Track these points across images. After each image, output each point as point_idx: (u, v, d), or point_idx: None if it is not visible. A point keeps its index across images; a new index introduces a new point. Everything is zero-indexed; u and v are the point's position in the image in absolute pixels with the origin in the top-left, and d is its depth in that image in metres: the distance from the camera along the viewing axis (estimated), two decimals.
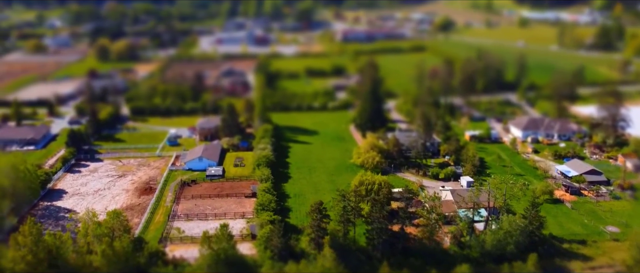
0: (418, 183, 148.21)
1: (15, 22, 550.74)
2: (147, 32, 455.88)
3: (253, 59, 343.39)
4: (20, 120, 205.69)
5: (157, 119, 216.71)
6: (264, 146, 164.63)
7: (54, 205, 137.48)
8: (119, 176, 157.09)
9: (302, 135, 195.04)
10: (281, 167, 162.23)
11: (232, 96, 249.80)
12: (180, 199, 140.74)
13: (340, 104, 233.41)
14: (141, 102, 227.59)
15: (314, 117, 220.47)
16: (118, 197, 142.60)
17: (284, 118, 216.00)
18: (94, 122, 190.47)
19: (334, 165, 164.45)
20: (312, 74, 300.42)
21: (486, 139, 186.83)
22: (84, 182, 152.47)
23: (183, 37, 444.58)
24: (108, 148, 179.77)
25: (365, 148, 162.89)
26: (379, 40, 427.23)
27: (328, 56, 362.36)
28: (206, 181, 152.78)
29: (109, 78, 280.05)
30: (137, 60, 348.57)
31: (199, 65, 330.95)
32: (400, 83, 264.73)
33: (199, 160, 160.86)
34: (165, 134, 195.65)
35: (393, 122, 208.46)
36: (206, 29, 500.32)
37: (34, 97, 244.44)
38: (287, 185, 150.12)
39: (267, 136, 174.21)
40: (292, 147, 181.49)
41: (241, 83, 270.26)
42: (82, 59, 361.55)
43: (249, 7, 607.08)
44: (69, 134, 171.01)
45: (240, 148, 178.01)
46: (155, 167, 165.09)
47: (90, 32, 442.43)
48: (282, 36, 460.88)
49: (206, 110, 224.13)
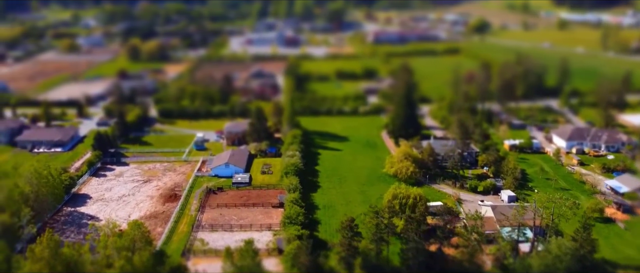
0: (455, 197, 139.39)
1: (51, 21, 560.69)
2: (178, 32, 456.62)
3: (283, 61, 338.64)
4: (50, 121, 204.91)
5: (184, 122, 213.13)
6: (293, 153, 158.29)
7: (77, 211, 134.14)
8: (144, 181, 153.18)
9: (332, 141, 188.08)
10: (310, 175, 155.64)
11: (261, 99, 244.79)
12: (205, 208, 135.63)
13: (372, 109, 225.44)
14: (169, 104, 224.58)
15: (345, 121, 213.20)
16: (142, 204, 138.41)
17: (313, 122, 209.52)
18: (122, 124, 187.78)
19: (365, 174, 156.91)
20: (343, 76, 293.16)
21: (527, 149, 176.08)
22: (109, 187, 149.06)
23: (213, 38, 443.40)
24: (134, 152, 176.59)
25: (398, 157, 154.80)
26: (412, 42, 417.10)
27: (359, 58, 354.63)
28: (232, 189, 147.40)
29: (138, 79, 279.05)
30: (168, 61, 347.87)
31: (228, 66, 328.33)
32: (434, 87, 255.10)
33: (225, 167, 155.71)
34: (192, 138, 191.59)
35: (427, 129, 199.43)
36: (237, 29, 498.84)
37: (64, 97, 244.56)
38: (316, 195, 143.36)
39: (295, 142, 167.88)
40: (322, 154, 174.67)
41: (270, 85, 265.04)
42: (114, 58, 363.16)
43: (280, 7, 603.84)
44: (96, 137, 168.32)
45: (268, 154, 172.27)
46: (181, 172, 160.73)
47: (123, 32, 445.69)
48: (312, 37, 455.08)
49: (234, 113, 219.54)
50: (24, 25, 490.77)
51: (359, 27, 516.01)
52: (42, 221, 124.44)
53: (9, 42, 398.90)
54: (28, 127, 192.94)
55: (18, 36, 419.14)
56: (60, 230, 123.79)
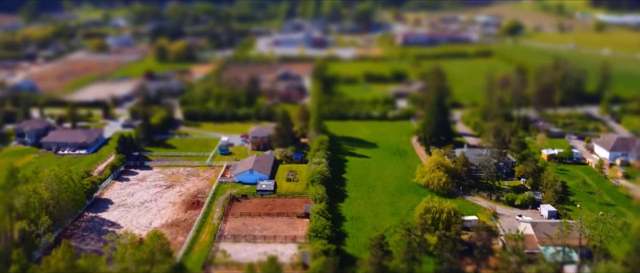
0: (490, 211, 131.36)
1: (82, 21, 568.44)
2: (206, 33, 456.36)
3: (310, 62, 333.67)
4: (75, 122, 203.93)
5: (209, 124, 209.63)
6: (319, 160, 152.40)
7: (98, 217, 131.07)
8: (167, 187, 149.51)
9: (360, 147, 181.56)
10: (337, 183, 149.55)
11: (287, 102, 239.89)
12: (228, 216, 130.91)
13: (401, 114, 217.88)
14: (195, 107, 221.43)
15: (373, 127, 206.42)
16: (164, 210, 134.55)
17: (340, 127, 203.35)
18: (146, 126, 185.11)
19: (395, 184, 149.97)
20: (371, 79, 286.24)
21: (567, 160, 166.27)
22: (131, 192, 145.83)
23: (241, 38, 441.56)
24: (158, 155, 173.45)
25: (430, 166, 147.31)
26: (442, 44, 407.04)
27: (388, 60, 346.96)
28: (256, 196, 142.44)
29: (165, 80, 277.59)
30: (195, 61, 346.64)
31: (255, 67, 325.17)
32: (466, 91, 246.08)
33: (249, 173, 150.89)
34: (217, 141, 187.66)
35: (459, 136, 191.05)
36: (264, 29, 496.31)
37: (91, 97, 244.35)
38: (344, 205, 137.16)
39: (322, 149, 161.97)
40: (349, 161, 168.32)
41: (297, 88, 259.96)
42: (142, 58, 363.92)
43: (307, 7, 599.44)
44: (119, 140, 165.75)
45: (293, 160, 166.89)
46: (204, 177, 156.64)
47: (151, 32, 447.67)
48: (340, 38, 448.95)
49: (260, 116, 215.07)
50: (56, 25, 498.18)
51: (388, 28, 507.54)
52: (62, 227, 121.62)
53: (41, 41, 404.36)
54: (54, 128, 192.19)
55: (49, 36, 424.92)
56: (80, 236, 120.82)
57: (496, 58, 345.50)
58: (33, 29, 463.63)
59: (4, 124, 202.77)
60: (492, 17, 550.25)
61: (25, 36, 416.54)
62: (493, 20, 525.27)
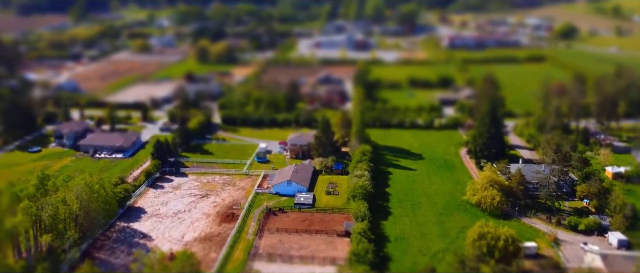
0: (551, 236, 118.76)
1: (128, 21, 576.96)
2: (247, 34, 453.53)
3: (352, 65, 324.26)
4: (114, 124, 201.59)
5: (248, 130, 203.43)
6: (361, 173, 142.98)
7: (130, 227, 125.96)
8: (202, 196, 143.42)
9: (405, 158, 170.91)
10: (380, 198, 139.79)
11: (328, 107, 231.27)
12: (263, 232, 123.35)
13: (449, 122, 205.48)
14: (234, 111, 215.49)
15: (418, 136, 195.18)
16: (197, 223, 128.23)
17: (383, 136, 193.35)
18: (183, 131, 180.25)
19: (443, 201, 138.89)
20: (416, 84, 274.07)
21: (635, 178, 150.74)
22: (165, 201, 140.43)
23: (282, 40, 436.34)
24: (194, 162, 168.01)
25: (482, 183, 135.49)
26: (490, 47, 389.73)
27: (433, 64, 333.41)
28: (294, 210, 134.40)
29: (204, 81, 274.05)
30: (235, 63, 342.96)
31: (295, 69, 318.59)
32: (518, 99, 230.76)
33: (287, 184, 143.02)
34: (255, 148, 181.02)
35: (511, 148, 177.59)
36: (305, 31, 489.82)
37: (132, 98, 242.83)
38: (387, 223, 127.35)
39: (365, 160, 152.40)
40: (393, 173, 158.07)
41: (338, 92, 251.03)
42: (183, 59, 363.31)
43: (350, 8, 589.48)
44: (155, 145, 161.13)
45: (333, 171, 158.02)
46: (240, 187, 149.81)
47: (193, 33, 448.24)
48: (383, 41, 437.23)
49: (299, 122, 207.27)
50: (103, 24, 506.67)
51: (432, 30, 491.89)
52: (92, 238, 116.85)
53: (87, 41, 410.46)
54: (92, 130, 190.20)
55: (95, 36, 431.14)
56: (110, 249, 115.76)
57: (549, 63, 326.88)
58: (80, 29, 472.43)
59: (44, 125, 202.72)
60: (543, 20, 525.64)
61: (72, 36, 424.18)
62: (544, 23, 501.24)
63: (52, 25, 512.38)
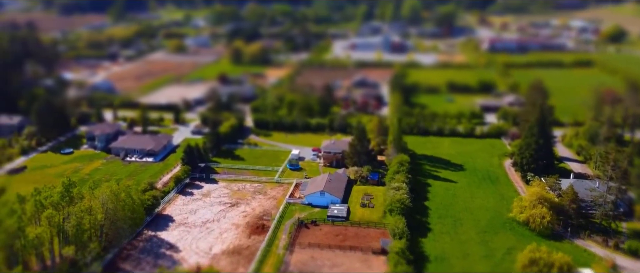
0: (609, 262, 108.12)
1: (165, 21, 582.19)
2: (282, 35, 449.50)
3: (388, 68, 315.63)
4: (146, 126, 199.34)
5: (280, 134, 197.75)
6: (399, 185, 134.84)
7: (157, 236, 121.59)
8: (231, 205, 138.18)
9: (444, 169, 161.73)
10: (418, 212, 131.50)
11: (363, 111, 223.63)
12: (294, 246, 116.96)
13: (491, 131, 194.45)
14: (266, 115, 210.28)
15: (458, 144, 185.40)
16: (226, 234, 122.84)
17: (421, 144, 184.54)
18: (214, 135, 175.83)
19: (486, 218, 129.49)
20: (455, 89, 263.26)
21: None
22: (194, 209, 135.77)
23: (317, 41, 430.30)
24: (225, 168, 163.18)
25: (530, 200, 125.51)
26: (533, 51, 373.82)
27: (472, 68, 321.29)
28: (327, 223, 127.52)
29: (237, 83, 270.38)
30: (269, 64, 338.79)
31: (330, 71, 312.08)
32: (566, 107, 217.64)
33: (320, 195, 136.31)
34: (287, 154, 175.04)
35: (559, 160, 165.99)
36: (340, 32, 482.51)
37: (164, 100, 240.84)
38: (426, 241, 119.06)
39: (402, 171, 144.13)
40: (432, 185, 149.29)
41: (374, 96, 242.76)
42: (218, 60, 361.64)
43: (386, 9, 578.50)
44: (185, 150, 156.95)
45: (369, 181, 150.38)
46: (271, 196, 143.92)
47: (228, 33, 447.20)
48: (420, 43, 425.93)
49: (333, 127, 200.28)
50: (140, 24, 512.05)
51: (471, 32, 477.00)
52: (118, 247, 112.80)
53: (123, 41, 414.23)
54: (123, 132, 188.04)
55: (132, 35, 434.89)
56: (136, 259, 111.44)
57: (597, 69, 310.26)
58: (118, 29, 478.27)
59: (78, 125, 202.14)
60: (588, 22, 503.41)
61: (109, 36, 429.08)
62: (591, 26, 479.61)
63: (92, 24, 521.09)
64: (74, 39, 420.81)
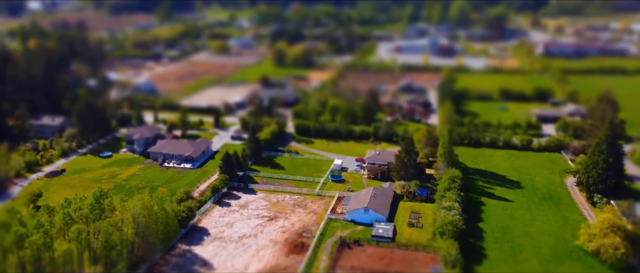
0: None
1: (210, 21, 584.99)
2: (325, 36, 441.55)
3: (435, 72, 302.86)
4: (186, 130, 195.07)
5: (322, 142, 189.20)
6: (450, 205, 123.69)
7: (191, 251, 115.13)
8: (270, 218, 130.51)
9: (499, 186, 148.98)
10: (472, 235, 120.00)
11: (410, 119, 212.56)
12: (336, 268, 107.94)
13: (551, 144, 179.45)
14: (309, 120, 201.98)
15: (514, 158, 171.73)
16: (263, 251, 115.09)
17: (473, 156, 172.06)
18: (254, 142, 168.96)
19: (549, 244, 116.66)
20: (508, 96, 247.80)
21: None
22: (230, 222, 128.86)
23: (361, 43, 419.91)
24: (264, 177, 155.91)
25: (601, 227, 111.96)
26: (592, 56, 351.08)
27: (526, 74, 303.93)
28: (371, 243, 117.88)
29: (279, 87, 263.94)
30: (312, 67, 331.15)
31: (374, 75, 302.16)
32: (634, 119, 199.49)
33: (364, 211, 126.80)
34: (329, 164, 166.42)
35: (628, 179, 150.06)
36: (385, 34, 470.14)
37: (205, 102, 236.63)
38: (481, 269, 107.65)
39: (454, 188, 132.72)
40: (487, 204, 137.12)
41: (422, 103, 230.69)
42: (260, 61, 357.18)
43: (433, 11, 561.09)
44: (223, 158, 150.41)
45: (417, 197, 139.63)
46: (312, 210, 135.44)
47: (272, 34, 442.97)
48: (469, 46, 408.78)
49: (378, 136, 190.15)
50: (186, 24, 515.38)
51: (524, 35, 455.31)
52: (150, 263, 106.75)
53: (168, 41, 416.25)
54: (162, 136, 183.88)
55: (177, 36, 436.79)
56: None
57: None
58: (163, 29, 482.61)
59: (119, 128, 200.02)
60: None
61: (155, 36, 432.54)
62: None
63: (139, 24, 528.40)
64: (121, 39, 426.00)
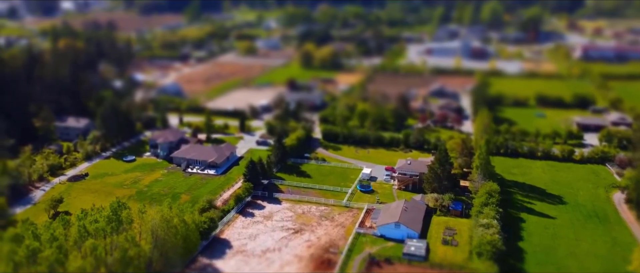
0: None
1: (238, 22, 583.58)
2: (353, 38, 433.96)
3: (467, 76, 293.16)
4: (210, 134, 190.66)
5: (350, 149, 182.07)
6: (489, 222, 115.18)
7: (212, 265, 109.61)
8: (295, 231, 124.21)
9: (540, 201, 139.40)
10: (512, 255, 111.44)
11: (442, 126, 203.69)
12: None
13: (594, 155, 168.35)
14: (336, 126, 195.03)
15: (554, 170, 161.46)
16: (287, 268, 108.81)
17: (510, 167, 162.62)
18: (280, 148, 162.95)
19: (597, 268, 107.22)
20: (545, 103, 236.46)
21: None
22: (254, 234, 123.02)
23: (390, 45, 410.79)
24: (289, 186, 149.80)
25: None
26: (634, 60, 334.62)
27: (564, 79, 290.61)
28: (402, 262, 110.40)
29: (307, 90, 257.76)
30: (340, 69, 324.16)
31: (404, 78, 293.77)
32: None
33: (395, 227, 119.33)
34: (357, 172, 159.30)
35: None
36: (415, 36, 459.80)
37: (231, 105, 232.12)
38: None
39: (492, 204, 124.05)
40: (527, 221, 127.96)
41: (454, 109, 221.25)
42: (287, 63, 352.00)
43: (464, 12, 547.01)
44: (248, 166, 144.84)
45: (451, 211, 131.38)
46: (339, 223, 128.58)
47: (299, 35, 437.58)
48: (502, 49, 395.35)
49: (408, 143, 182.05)
50: (214, 25, 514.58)
51: (560, 38, 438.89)
52: None
53: (196, 42, 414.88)
54: (187, 140, 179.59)
55: (204, 36, 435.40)
56: None
57: None
58: (191, 29, 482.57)
59: (143, 130, 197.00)
60: None
61: (182, 36, 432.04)
62: None
63: (168, 24, 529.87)
64: (149, 39, 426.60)
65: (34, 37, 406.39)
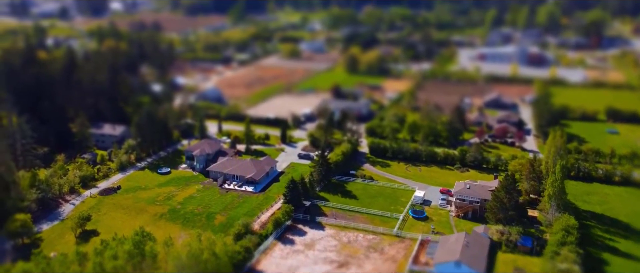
0: None
1: (282, 23, 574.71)
2: (401, 41, 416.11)
3: (525, 85, 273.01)
4: (250, 145, 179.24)
5: (400, 166, 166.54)
6: (568, 267, 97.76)
7: None
8: (340, 265, 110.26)
9: (624, 237, 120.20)
10: None
11: (502, 141, 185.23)
12: None
13: None
14: (385, 141, 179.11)
15: (636, 200, 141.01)
16: None
17: (583, 193, 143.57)
18: (324, 165, 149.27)
19: None
20: (616, 117, 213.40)
21: None
22: (293, 266, 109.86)
23: (439, 49, 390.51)
24: (333, 208, 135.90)
25: None
26: None
27: (635, 90, 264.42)
28: None
29: (353, 98, 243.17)
30: (387, 75, 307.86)
31: (456, 86, 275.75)
32: None
33: (455, 266, 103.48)
34: (408, 194, 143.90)
35: None
36: (466, 40, 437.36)
37: (272, 112, 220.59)
38: None
39: (571, 243, 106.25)
40: (611, 263, 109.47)
41: (515, 123, 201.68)
42: (332, 67, 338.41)
43: (519, 15, 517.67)
44: (288, 186, 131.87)
45: (518, 247, 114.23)
46: (389, 256, 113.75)
47: (344, 38, 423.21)
48: (562, 55, 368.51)
49: (464, 162, 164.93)
50: (258, 26, 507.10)
51: (626, 44, 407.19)
52: None
53: (239, 44, 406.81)
54: (224, 152, 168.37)
55: (248, 38, 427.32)
56: None
57: None
58: (235, 31, 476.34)
59: (181, 139, 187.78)
60: None
61: (226, 38, 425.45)
62: None
63: (212, 26, 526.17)
64: (193, 41, 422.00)
65: (81, 38, 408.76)
